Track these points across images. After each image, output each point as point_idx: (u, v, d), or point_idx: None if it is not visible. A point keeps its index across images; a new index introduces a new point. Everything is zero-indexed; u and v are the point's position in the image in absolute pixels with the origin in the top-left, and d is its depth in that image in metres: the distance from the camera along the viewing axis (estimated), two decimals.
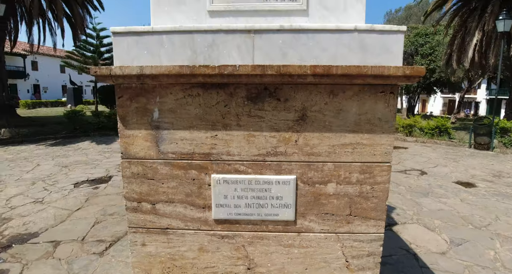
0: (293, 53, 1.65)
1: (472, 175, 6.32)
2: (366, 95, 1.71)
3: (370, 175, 1.80)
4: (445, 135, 10.92)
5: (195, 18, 1.80)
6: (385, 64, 1.65)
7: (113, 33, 1.70)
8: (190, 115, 1.73)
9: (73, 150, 8.51)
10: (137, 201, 1.86)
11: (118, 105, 1.76)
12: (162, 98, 1.72)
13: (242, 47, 1.65)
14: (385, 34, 1.65)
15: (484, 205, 4.41)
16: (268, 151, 1.75)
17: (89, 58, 19.51)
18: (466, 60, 10.75)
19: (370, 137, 1.76)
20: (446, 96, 41.47)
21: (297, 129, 1.73)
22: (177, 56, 1.67)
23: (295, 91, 1.70)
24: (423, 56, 21.45)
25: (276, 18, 1.78)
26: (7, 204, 4.44)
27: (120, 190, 5.01)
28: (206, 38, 1.65)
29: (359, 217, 1.83)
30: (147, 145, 1.78)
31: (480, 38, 10.59)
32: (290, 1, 1.78)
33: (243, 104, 1.71)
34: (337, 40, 1.65)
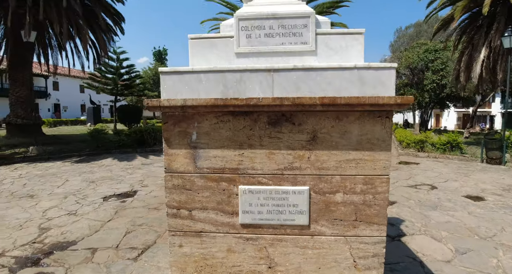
0: (305, 87, 2.05)
1: (482, 189, 6.45)
2: (366, 119, 2.08)
3: (372, 186, 2.13)
4: (457, 150, 11.00)
5: (225, 59, 2.24)
6: (381, 94, 2.02)
7: (161, 72, 2.14)
8: (221, 137, 2.13)
9: (98, 167, 9.06)
10: (176, 208, 2.24)
11: (164, 129, 2.18)
12: (200, 124, 2.13)
13: (264, 83, 2.06)
14: (380, 70, 2.04)
15: (491, 217, 4.59)
16: (285, 166, 2.12)
17: (109, 79, 20.65)
18: (474, 76, 10.97)
19: (371, 153, 2.11)
20: (460, 110, 41.05)
21: (309, 148, 2.10)
22: (212, 90, 2.09)
23: (307, 117, 2.08)
24: (434, 72, 21.65)
25: (291, 58, 2.19)
26: (44, 215, 4.89)
27: (145, 203, 5.42)
28: (235, 76, 2.07)
29: (364, 222, 2.15)
30: (186, 161, 2.18)
31: (487, 54, 10.83)
32: (302, 43, 2.20)
33: (265, 128, 2.10)
34: (341, 76, 2.04)
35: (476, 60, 10.64)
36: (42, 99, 38.83)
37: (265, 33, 2.20)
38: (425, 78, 22.46)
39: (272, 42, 2.20)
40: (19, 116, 13.48)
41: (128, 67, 21.90)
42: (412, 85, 24.63)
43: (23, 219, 4.73)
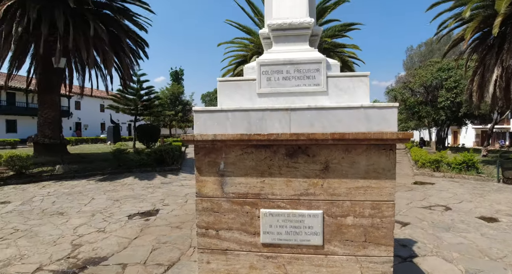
0: (318, 124, 2.38)
1: (497, 210, 6.46)
2: (372, 151, 2.38)
3: (379, 210, 2.40)
4: (473, 170, 10.93)
5: (248, 98, 2.61)
6: (384, 130, 2.33)
7: (195, 111, 2.52)
8: (246, 166, 2.46)
9: (120, 185, 9.52)
10: (205, 228, 2.55)
11: (196, 159, 2.53)
12: (227, 155, 2.48)
13: (282, 120, 2.41)
14: (383, 109, 2.35)
15: (503, 239, 4.65)
16: (301, 192, 2.42)
17: (130, 101, 21.65)
18: (487, 95, 11.05)
19: (377, 181, 2.39)
20: (478, 127, 40.21)
21: (322, 176, 2.40)
22: (237, 126, 2.44)
23: (320, 150, 2.40)
24: (448, 90, 21.64)
25: (306, 98, 2.54)
26: (75, 232, 5.28)
27: (168, 222, 5.75)
28: (258, 114, 2.43)
29: (373, 243, 2.39)
30: (214, 187, 2.51)
31: (500, 74, 10.91)
32: (315, 85, 2.55)
33: (283, 159, 2.42)
34: (349, 114, 2.36)
35: (489, 80, 10.75)
36: (64, 118, 40.49)
37: (283, 76, 2.57)
38: (440, 96, 22.43)
39: (289, 84, 2.56)
40: (46, 136, 14.33)
41: (148, 88, 22.95)
42: (427, 103, 24.57)
43: (56, 235, 5.12)
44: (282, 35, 2.72)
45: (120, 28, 13.46)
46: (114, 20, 13.29)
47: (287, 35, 2.71)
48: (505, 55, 9.93)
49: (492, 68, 10.68)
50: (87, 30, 12.23)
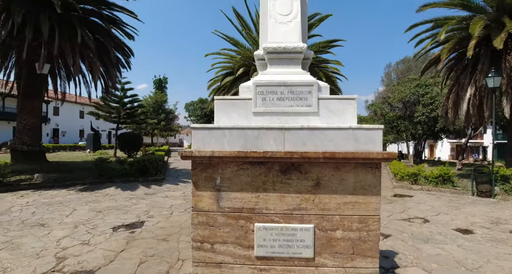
0: (310, 143, 2.54)
1: (472, 222, 6.82)
2: (359, 169, 2.55)
3: (366, 224, 2.56)
4: (448, 183, 11.45)
5: (243, 116, 2.74)
6: (371, 150, 2.52)
7: (193, 128, 2.63)
8: (241, 182, 2.57)
9: (102, 196, 9.32)
10: (200, 242, 2.63)
11: (193, 175, 2.63)
12: (223, 170, 2.59)
13: (277, 139, 2.55)
14: (370, 130, 2.55)
15: (478, 250, 4.94)
16: (294, 207, 2.55)
17: (113, 108, 21.31)
18: (461, 113, 11.72)
19: (364, 197, 2.56)
20: (453, 141, 42.05)
21: (313, 192, 2.55)
22: (234, 143, 2.57)
23: (312, 167, 2.55)
24: (425, 106, 22.67)
25: (298, 117, 2.71)
26: (58, 245, 5.14)
27: (154, 234, 5.71)
28: (254, 132, 2.56)
29: (360, 255, 2.55)
30: (210, 202, 2.60)
31: (473, 93, 11.63)
32: (307, 106, 2.72)
33: (277, 175, 2.56)
34: (339, 134, 2.54)
35: (463, 98, 11.44)
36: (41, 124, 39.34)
37: (277, 97, 2.73)
38: (417, 111, 23.46)
39: (283, 104, 2.73)
40: (25, 143, 13.82)
41: (132, 96, 22.70)
42: (405, 118, 25.59)
43: (39, 247, 4.97)
44: (277, 58, 2.90)
45: (107, 36, 13.39)
46: (101, 28, 13.22)
47: (281, 58, 2.90)
48: (478, 75, 10.63)
49: (466, 87, 11.38)
50: (73, 37, 12.09)
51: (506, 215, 7.55)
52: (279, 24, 2.94)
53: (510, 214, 7.64)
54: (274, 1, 3.01)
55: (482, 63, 10.83)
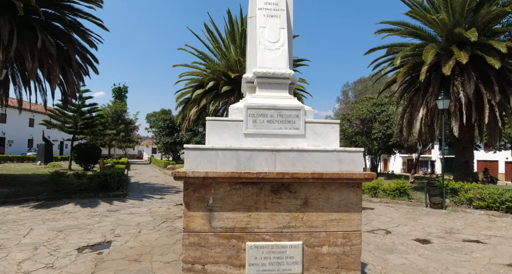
0: (299, 164, 2.70)
1: (428, 233, 7.44)
2: (343, 188, 2.76)
3: (349, 239, 2.75)
4: (404, 196, 12.36)
5: (235, 137, 2.84)
6: (353, 170, 2.74)
7: (186, 148, 2.67)
8: (233, 201, 2.64)
9: (61, 213, 8.65)
10: (191, 263, 2.63)
11: (184, 195, 2.64)
12: (216, 191, 2.64)
13: (268, 160, 2.68)
14: (352, 153, 2.78)
15: (437, 259, 5.41)
16: (284, 225, 2.67)
17: (69, 117, 20.02)
18: (415, 131, 12.84)
19: (347, 214, 2.76)
20: (405, 155, 45.35)
21: (302, 211, 2.70)
22: (227, 164, 2.64)
23: (301, 186, 2.71)
24: (381, 123, 24.37)
25: (287, 139, 2.87)
26: (19, 269, 4.68)
27: (124, 255, 5.44)
28: (246, 153, 2.67)
29: (344, 268, 2.72)
30: (202, 222, 2.63)
31: (425, 113, 12.81)
32: (295, 129, 2.90)
33: (268, 195, 2.67)
34: (325, 156, 2.74)
35: (416, 118, 12.58)
36: None
37: (267, 119, 2.88)
38: (373, 128, 25.12)
39: (272, 126, 2.88)
40: None
41: (91, 106, 21.53)
42: (363, 134, 27.24)
43: None
44: (266, 82, 3.07)
45: (70, 42, 12.75)
46: (64, 34, 12.56)
47: (270, 82, 3.07)
48: (429, 97, 11.80)
49: (419, 108, 12.55)
50: (33, 41, 11.35)
51: (458, 225, 8.33)
52: (268, 50, 3.13)
53: (461, 224, 8.44)
54: (263, 28, 3.20)
55: (433, 87, 12.04)
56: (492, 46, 9.94)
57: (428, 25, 11.91)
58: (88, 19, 13.37)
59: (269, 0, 3.33)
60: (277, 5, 3.33)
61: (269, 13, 3.28)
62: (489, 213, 9.54)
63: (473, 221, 8.92)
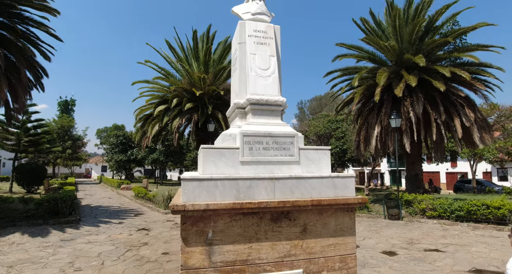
0: (297, 191, 2.73)
1: (393, 244, 7.87)
2: (339, 213, 2.84)
3: (346, 263, 2.81)
4: (364, 209, 13.01)
5: (231, 166, 2.79)
6: (347, 195, 2.84)
7: (183, 179, 2.55)
8: (234, 233, 2.56)
9: (7, 245, 7.58)
10: None
11: (182, 229, 2.50)
12: (215, 223, 2.54)
13: (268, 188, 2.67)
14: (345, 178, 2.89)
15: (406, 270, 5.74)
16: (285, 254, 2.65)
17: (12, 134, 18.02)
18: (371, 147, 13.73)
19: (343, 239, 2.83)
20: (357, 169, 47.99)
21: (301, 238, 2.71)
22: (226, 194, 2.57)
23: (299, 214, 2.73)
24: (337, 139, 25.69)
25: (282, 166, 2.89)
26: None
27: None
28: (246, 182, 2.63)
29: None
30: (202, 258, 2.50)
31: (380, 131, 13.78)
32: (289, 156, 2.94)
33: (269, 224, 2.64)
34: (321, 182, 2.80)
35: (372, 135, 13.50)
36: None
37: (263, 147, 2.88)
38: (330, 144, 26.38)
39: (268, 154, 2.89)
40: None
41: (37, 121, 19.65)
42: None
43: None
44: (259, 109, 3.09)
45: (20, 54, 11.64)
46: (12, 44, 11.43)
47: (264, 109, 3.10)
48: (383, 116, 12.78)
49: (374, 126, 13.50)
50: None
51: (416, 235, 8.94)
52: (260, 77, 3.17)
53: (418, 234, 9.07)
54: (253, 55, 3.25)
55: (386, 107, 13.08)
56: (437, 71, 11.20)
57: (380, 50, 13.06)
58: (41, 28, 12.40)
59: (258, 28, 3.42)
60: (266, 33, 3.42)
61: (258, 41, 3.35)
62: (441, 222, 10.43)
63: (428, 230, 9.66)
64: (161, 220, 12.12)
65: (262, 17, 3.59)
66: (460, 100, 11.88)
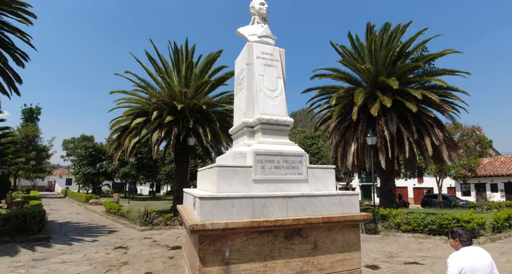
0: (308, 208, 2.84)
1: (374, 258, 8.12)
2: (345, 229, 2.98)
3: None
4: None
5: (244, 184, 2.86)
6: (353, 212, 3.00)
7: (201, 198, 2.57)
8: (250, 251, 2.61)
9: None
10: None
11: (200, 249, 2.50)
12: (232, 242, 2.57)
13: (281, 206, 2.76)
14: (351, 196, 3.05)
15: None
16: (298, 271, 2.72)
17: None
18: (348, 163, 14.24)
19: (350, 254, 2.96)
20: None
21: (313, 254, 2.80)
22: (243, 213, 2.63)
23: (311, 231, 2.83)
24: (312, 155, 26.32)
25: (292, 184, 3.00)
26: None
27: None
28: (261, 201, 2.70)
29: None
30: None
31: (356, 148, 14.34)
32: (298, 174, 3.07)
33: (283, 242, 2.72)
34: (329, 200, 2.94)
35: (349, 151, 14.04)
36: None
37: (274, 165, 2.99)
38: None
39: (279, 172, 2.99)
40: None
41: (2, 129, 18.38)
42: None
43: None
44: (269, 128, 3.21)
45: None
46: None
47: (273, 129, 3.23)
48: (359, 134, 13.36)
49: (351, 143, 14.06)
50: None
51: (394, 249, 9.29)
52: (268, 98, 3.32)
53: (396, 248, 9.43)
54: (262, 76, 3.40)
55: (362, 125, 13.70)
56: (409, 93, 12.02)
57: (356, 72, 13.81)
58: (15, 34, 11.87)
59: (265, 50, 3.59)
60: (272, 56, 3.60)
61: (266, 63, 3.51)
62: (415, 236, 10.93)
63: (405, 244, 10.07)
64: (138, 237, 11.61)
65: (267, 40, 3.77)
66: (430, 120, 12.77)
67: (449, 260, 2.41)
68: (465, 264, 2.28)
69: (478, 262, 2.30)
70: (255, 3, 3.92)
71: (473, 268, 2.26)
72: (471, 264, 2.28)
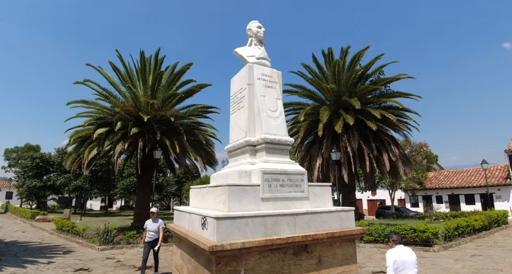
0: (313, 225, 3.02)
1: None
2: (344, 243, 3.20)
3: None
4: None
5: (253, 202, 2.96)
6: (350, 227, 3.24)
7: (216, 218, 2.61)
8: (262, 269, 2.68)
9: None
10: None
11: (217, 270, 2.51)
12: (247, 261, 2.63)
13: (290, 223, 2.90)
14: (348, 212, 3.30)
15: None
16: None
17: None
18: (314, 177, 14.84)
19: (348, 266, 3.18)
20: None
21: (317, 269, 2.96)
22: (256, 232, 2.71)
23: (315, 246, 3.00)
24: None
25: (295, 202, 3.17)
26: None
27: None
28: (272, 219, 2.82)
29: None
30: None
31: (321, 163, 15.00)
32: (300, 192, 3.25)
33: (291, 258, 2.84)
34: (331, 216, 3.15)
35: (314, 166, 14.65)
36: None
37: (279, 184, 3.14)
38: None
39: (284, 190, 3.15)
40: None
41: None
42: None
43: None
44: (272, 148, 3.37)
45: None
46: None
47: (276, 148, 3.39)
48: (324, 150, 14.08)
49: (316, 158, 14.71)
50: None
51: (360, 259, 9.75)
52: (270, 118, 3.49)
53: (362, 258, 9.93)
54: (263, 97, 3.58)
55: (326, 141, 14.45)
56: (369, 112, 13.04)
57: (321, 91, 14.68)
58: None
59: (264, 72, 3.78)
60: (271, 78, 3.80)
61: (266, 84, 3.70)
62: (377, 246, 11.64)
63: (369, 254, 10.67)
64: (99, 257, 10.77)
65: (265, 62, 3.98)
66: (387, 138, 13.92)
67: (387, 255, 3.01)
68: (397, 257, 2.96)
69: (406, 257, 2.98)
70: (252, 26, 4.12)
71: (403, 261, 2.94)
72: (402, 258, 2.95)
